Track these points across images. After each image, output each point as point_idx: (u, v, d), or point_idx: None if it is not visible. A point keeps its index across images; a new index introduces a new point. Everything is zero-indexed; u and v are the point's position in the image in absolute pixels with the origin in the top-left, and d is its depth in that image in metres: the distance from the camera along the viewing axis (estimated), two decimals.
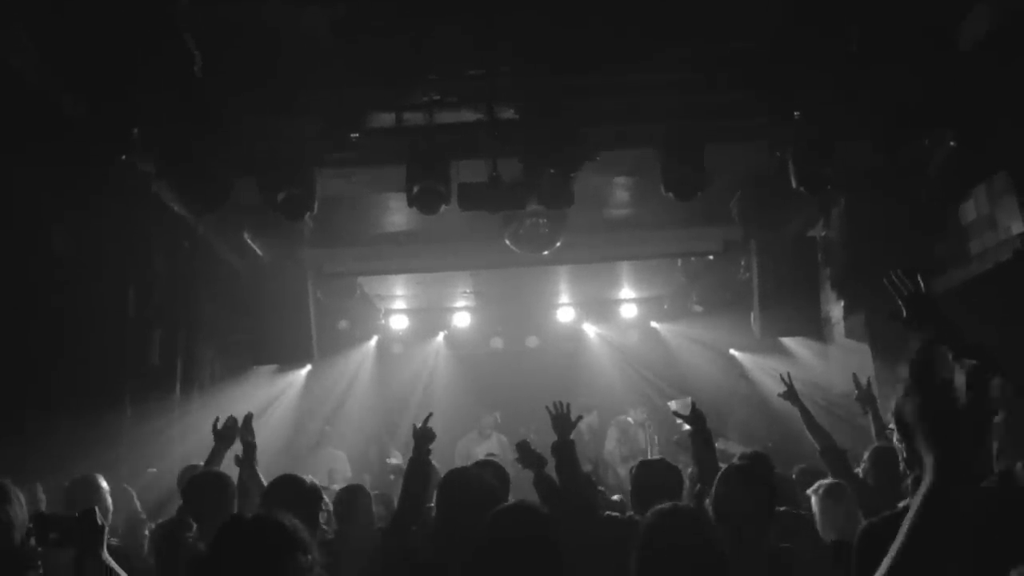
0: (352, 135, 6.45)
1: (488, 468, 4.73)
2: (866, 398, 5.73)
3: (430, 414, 4.53)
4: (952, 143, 6.31)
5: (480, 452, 9.89)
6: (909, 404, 1.47)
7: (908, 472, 2.79)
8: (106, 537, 2.88)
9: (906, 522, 1.42)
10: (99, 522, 2.83)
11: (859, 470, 5.11)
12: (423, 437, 4.34)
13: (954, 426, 1.43)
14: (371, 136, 6.65)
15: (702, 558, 2.83)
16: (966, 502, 1.39)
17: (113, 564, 2.84)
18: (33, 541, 2.84)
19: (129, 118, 5.83)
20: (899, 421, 2.41)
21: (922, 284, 3.10)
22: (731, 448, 8.15)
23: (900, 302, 3.11)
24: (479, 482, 4.03)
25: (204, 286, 8.52)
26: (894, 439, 2.99)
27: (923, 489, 1.43)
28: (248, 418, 5.06)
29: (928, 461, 1.44)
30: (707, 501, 4.00)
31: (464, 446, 11.29)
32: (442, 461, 6.11)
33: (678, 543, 2.84)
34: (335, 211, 8.26)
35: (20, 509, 2.91)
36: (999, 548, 1.67)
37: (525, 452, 4.61)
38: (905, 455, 2.80)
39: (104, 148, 5.80)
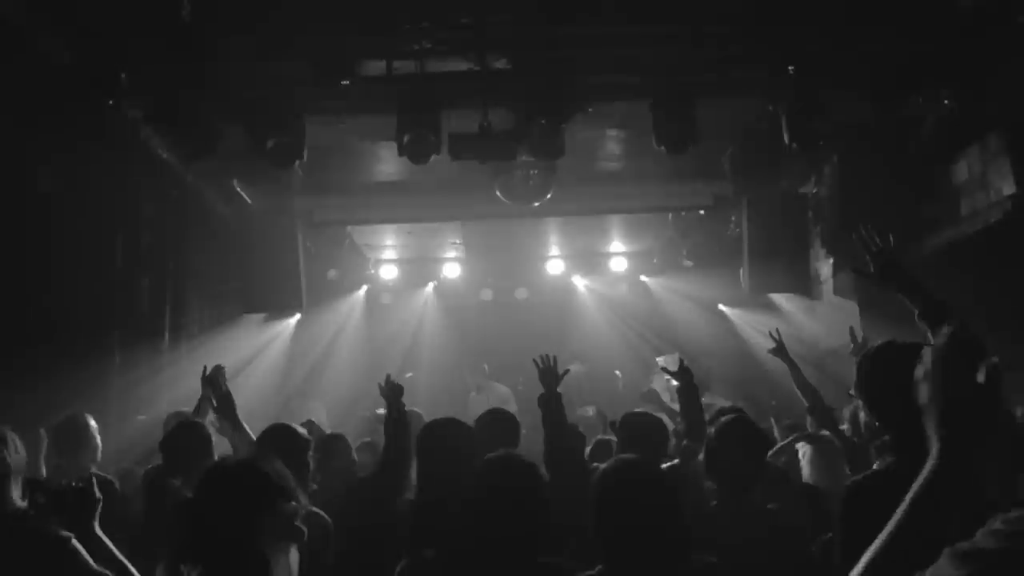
0: (342, 82, 6.37)
1: (496, 421, 4.69)
2: (861, 352, 5.75)
3: (387, 375, 4.55)
4: (947, 102, 6.27)
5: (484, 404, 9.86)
6: (926, 387, 1.50)
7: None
8: (98, 511, 2.85)
9: (908, 497, 1.48)
10: (95, 496, 2.81)
11: (845, 426, 5.17)
12: (392, 394, 4.38)
13: (967, 415, 1.46)
14: (362, 84, 6.58)
15: (656, 505, 2.83)
16: (967, 482, 1.43)
17: (103, 538, 2.82)
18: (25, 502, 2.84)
19: (116, 63, 5.75)
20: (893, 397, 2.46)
21: (891, 241, 3.12)
22: (716, 402, 8.22)
23: (868, 257, 3.15)
24: (456, 431, 4.05)
25: (193, 234, 8.48)
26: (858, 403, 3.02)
27: (927, 469, 1.48)
28: (219, 370, 5.01)
29: (935, 443, 1.48)
30: (699, 456, 4.03)
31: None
32: (430, 412, 6.16)
33: (630, 493, 2.84)
34: (325, 160, 8.20)
35: (16, 455, 2.89)
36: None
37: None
38: (875, 421, 2.85)
39: (91, 94, 5.72)
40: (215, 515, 2.14)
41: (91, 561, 2.65)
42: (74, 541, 2.64)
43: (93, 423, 5.15)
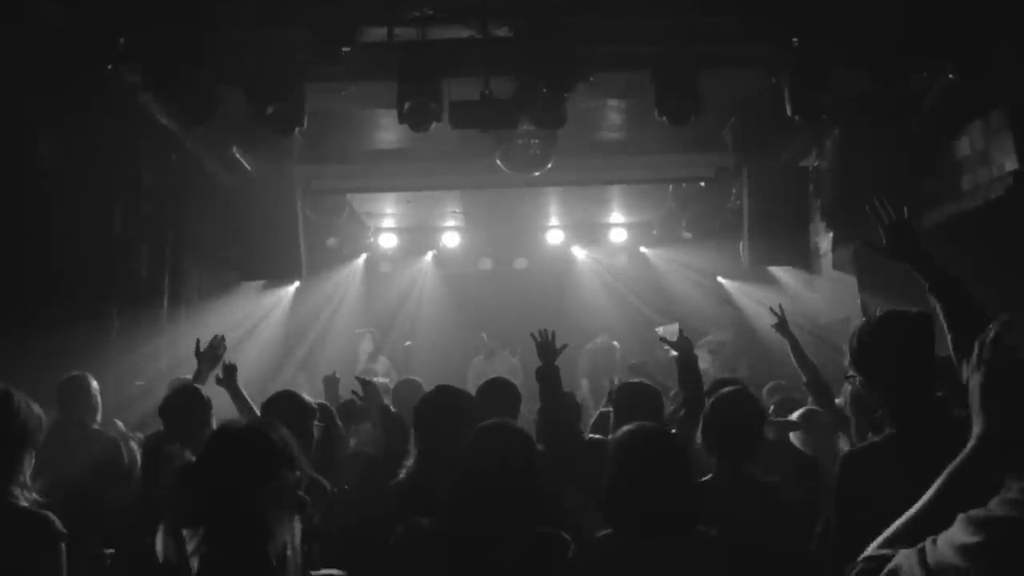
0: (343, 49, 6.31)
1: (496, 389, 4.73)
2: None
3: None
4: (951, 76, 6.23)
5: (490, 371, 9.89)
6: (975, 376, 1.53)
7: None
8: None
9: (949, 468, 1.53)
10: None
11: (839, 400, 5.19)
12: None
13: (1014, 406, 1.49)
14: (362, 51, 6.51)
15: (671, 476, 2.86)
16: (1002, 463, 1.46)
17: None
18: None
19: (115, 27, 5.69)
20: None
21: (905, 214, 3.06)
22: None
23: (881, 230, 3.08)
24: (455, 399, 4.07)
25: (192, 201, 8.45)
26: (857, 383, 3.02)
27: (967, 450, 1.52)
28: (219, 340, 5.02)
29: (977, 427, 1.52)
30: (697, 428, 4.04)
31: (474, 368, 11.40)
32: (429, 381, 6.17)
33: (647, 461, 2.87)
34: (325, 127, 8.16)
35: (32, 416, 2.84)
36: None
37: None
38: (871, 393, 2.86)
39: (89, 58, 5.67)
40: (219, 480, 2.14)
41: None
42: (58, 525, 2.57)
43: (95, 384, 5.34)
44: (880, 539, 1.50)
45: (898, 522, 1.52)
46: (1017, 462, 1.39)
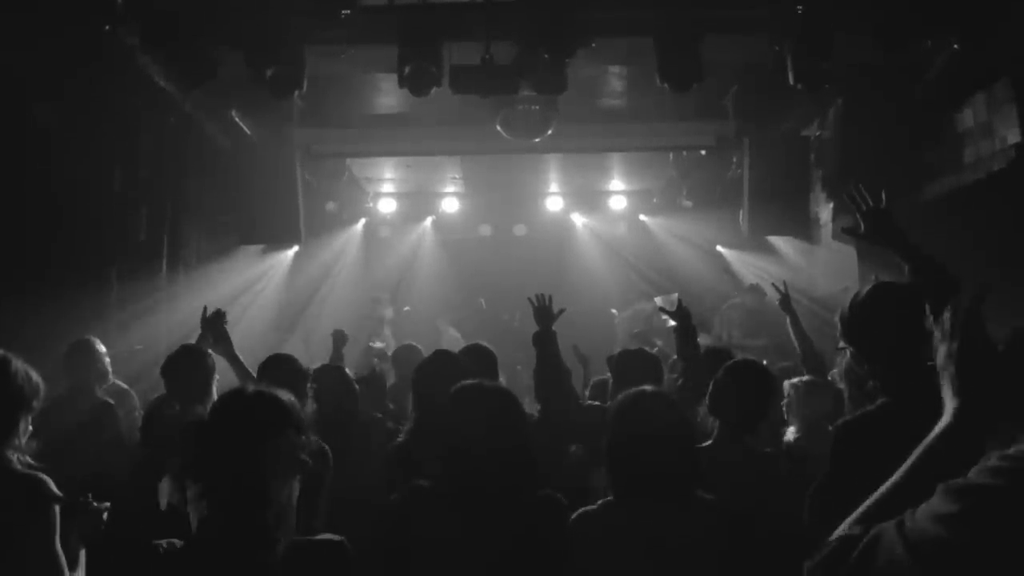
0: (343, 12, 6.26)
1: (472, 353, 4.78)
2: None
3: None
4: (955, 46, 6.18)
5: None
6: (943, 348, 1.54)
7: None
8: None
9: (923, 445, 1.52)
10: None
11: (834, 372, 5.21)
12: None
13: (984, 378, 1.50)
14: (363, 14, 6.46)
15: (673, 438, 2.88)
16: (979, 440, 1.47)
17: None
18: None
19: None
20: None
21: (883, 200, 3.11)
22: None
23: (859, 216, 3.14)
24: (453, 364, 4.09)
25: (191, 164, 8.41)
26: (849, 354, 3.04)
27: (942, 425, 1.52)
28: (220, 315, 5.02)
29: (950, 402, 1.53)
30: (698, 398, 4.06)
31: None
32: (428, 346, 6.20)
33: (648, 423, 2.89)
34: (325, 91, 8.11)
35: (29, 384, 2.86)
36: None
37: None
38: (865, 364, 2.87)
39: (88, 18, 5.62)
40: (225, 437, 2.18)
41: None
42: (51, 487, 2.60)
43: (102, 348, 5.41)
44: (852, 517, 1.50)
45: (871, 499, 1.51)
46: (997, 430, 1.39)
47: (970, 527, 1.22)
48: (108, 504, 2.71)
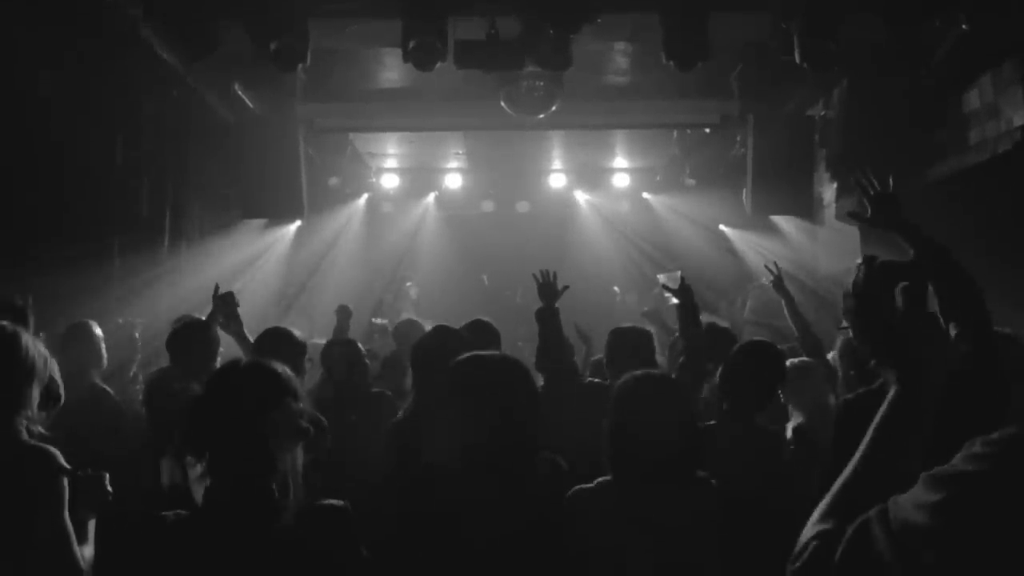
0: None
1: (474, 328, 4.78)
2: None
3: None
4: (964, 27, 6.13)
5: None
6: (854, 320, 1.57)
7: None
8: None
9: (874, 423, 1.53)
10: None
11: (832, 354, 5.22)
12: None
13: (900, 340, 1.54)
14: None
15: (674, 422, 2.89)
16: (929, 402, 1.49)
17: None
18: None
19: None
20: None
21: (890, 185, 3.11)
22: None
23: (865, 200, 3.14)
24: (454, 339, 4.08)
25: (193, 137, 8.39)
26: (850, 334, 3.05)
27: (889, 397, 1.54)
28: (230, 296, 5.02)
29: (890, 372, 1.55)
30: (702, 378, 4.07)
31: None
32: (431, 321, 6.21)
33: (649, 404, 2.90)
34: (329, 65, 8.07)
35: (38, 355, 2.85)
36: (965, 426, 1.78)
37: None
38: (865, 343, 2.88)
39: None
40: (226, 407, 2.20)
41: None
42: (60, 459, 2.59)
43: (99, 331, 5.28)
44: (821, 510, 1.48)
45: (835, 488, 1.50)
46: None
47: (955, 515, 1.20)
48: (107, 473, 2.73)
